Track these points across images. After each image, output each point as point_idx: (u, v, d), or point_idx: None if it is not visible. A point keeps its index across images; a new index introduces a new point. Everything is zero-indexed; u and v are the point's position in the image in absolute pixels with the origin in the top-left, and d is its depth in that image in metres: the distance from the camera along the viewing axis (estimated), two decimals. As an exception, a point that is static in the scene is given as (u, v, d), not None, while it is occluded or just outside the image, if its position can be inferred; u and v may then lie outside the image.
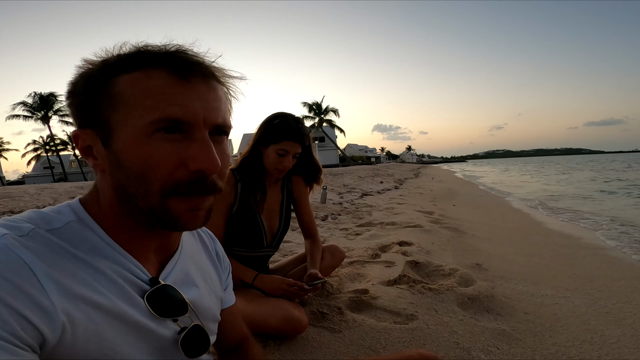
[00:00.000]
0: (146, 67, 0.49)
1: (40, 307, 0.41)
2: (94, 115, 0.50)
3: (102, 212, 0.53)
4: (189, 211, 0.50)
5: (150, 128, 0.47)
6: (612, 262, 2.92)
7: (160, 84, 0.48)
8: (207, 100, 0.50)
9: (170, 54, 0.49)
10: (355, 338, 1.43)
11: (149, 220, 0.51)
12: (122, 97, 0.48)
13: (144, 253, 0.55)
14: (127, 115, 0.48)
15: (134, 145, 0.47)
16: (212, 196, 0.52)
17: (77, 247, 0.48)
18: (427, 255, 2.62)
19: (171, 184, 0.48)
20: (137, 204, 0.50)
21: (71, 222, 0.50)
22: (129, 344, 0.50)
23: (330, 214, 4.91)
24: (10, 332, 0.38)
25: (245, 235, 1.56)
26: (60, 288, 0.44)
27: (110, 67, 0.49)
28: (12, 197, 7.19)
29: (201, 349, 0.60)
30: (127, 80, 0.48)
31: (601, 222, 5.09)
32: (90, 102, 0.50)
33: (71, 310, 0.44)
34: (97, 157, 0.51)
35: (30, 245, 0.44)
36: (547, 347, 1.49)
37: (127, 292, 0.51)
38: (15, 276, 0.41)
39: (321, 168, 1.73)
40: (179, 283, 0.60)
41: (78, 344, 0.44)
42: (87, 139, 0.51)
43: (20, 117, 35.91)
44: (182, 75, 0.48)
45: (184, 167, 0.48)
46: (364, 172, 17.19)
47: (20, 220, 0.48)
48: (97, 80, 0.49)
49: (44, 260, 0.44)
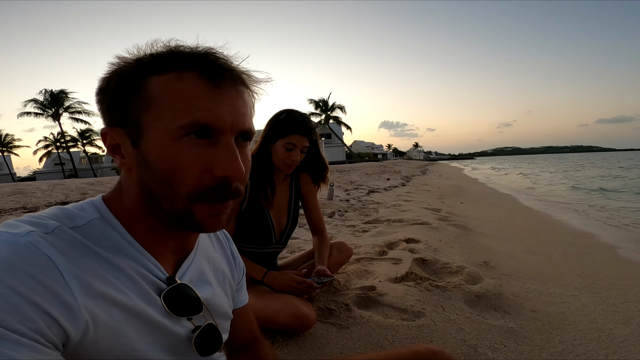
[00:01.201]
0: (178, 70, 0.49)
1: (65, 305, 0.42)
2: (125, 114, 0.50)
3: (124, 210, 0.54)
4: (211, 216, 0.51)
5: (179, 132, 0.48)
6: (621, 261, 2.90)
7: (192, 87, 0.48)
8: (235, 106, 0.51)
9: (202, 57, 0.50)
10: (362, 334, 1.45)
11: (172, 221, 0.52)
12: (153, 98, 0.49)
13: (162, 252, 0.56)
14: (157, 117, 0.48)
15: (162, 147, 0.48)
16: (232, 201, 0.53)
17: (99, 244, 0.49)
18: (435, 252, 2.62)
19: (198, 189, 0.49)
20: (161, 204, 0.50)
21: (94, 220, 0.51)
22: (145, 342, 0.51)
23: (337, 210, 4.92)
24: (35, 330, 0.39)
25: (254, 231, 1.58)
26: (83, 286, 0.44)
27: (144, 67, 0.50)
28: (24, 194, 7.33)
29: (213, 348, 0.61)
30: (160, 82, 0.49)
31: (610, 221, 5.03)
32: (122, 101, 0.50)
33: (94, 308, 0.45)
34: (124, 155, 0.52)
35: (55, 242, 0.45)
36: (554, 345, 1.49)
37: (145, 291, 0.52)
38: (42, 274, 0.41)
39: (327, 166, 1.74)
40: (194, 282, 0.61)
41: (99, 342, 0.45)
42: (116, 137, 0.52)
43: (32, 114, 36.46)
44: (212, 81, 0.49)
45: (209, 173, 0.49)
46: (371, 169, 17.15)
47: (45, 217, 0.48)
48: (130, 80, 0.50)
49: (69, 258, 0.45)
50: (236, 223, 1.55)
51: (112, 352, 0.47)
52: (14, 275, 0.40)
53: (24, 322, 0.38)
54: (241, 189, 0.53)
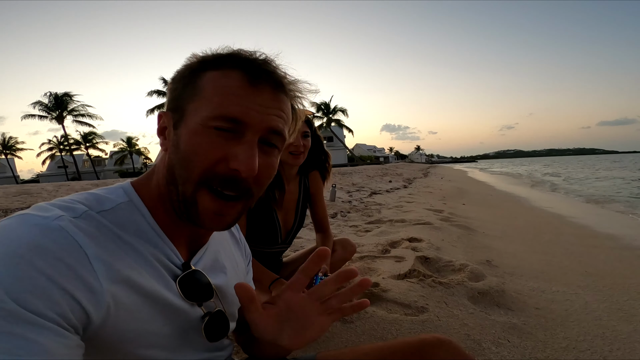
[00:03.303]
0: (226, 67, 0.53)
1: (90, 289, 0.43)
2: (177, 101, 0.55)
3: (150, 194, 0.56)
4: (214, 214, 0.53)
5: (210, 122, 0.51)
6: (624, 260, 2.89)
7: (232, 84, 0.52)
8: (266, 107, 0.53)
9: (248, 58, 0.54)
10: (366, 329, 1.46)
11: (179, 207, 0.53)
12: (200, 89, 0.53)
13: (179, 237, 0.58)
14: (198, 106, 0.52)
15: (193, 132, 0.51)
16: (241, 202, 0.54)
17: (124, 229, 0.51)
18: (437, 251, 2.63)
19: (208, 174, 0.51)
20: (177, 187, 0.52)
21: (121, 204, 0.53)
22: (160, 325, 0.52)
23: (340, 211, 4.93)
24: (60, 313, 0.40)
25: (261, 231, 1.58)
26: (108, 270, 0.46)
27: (203, 64, 0.55)
28: (30, 194, 7.38)
29: (221, 334, 0.62)
30: (209, 76, 0.53)
31: (613, 222, 5.01)
32: (179, 90, 0.55)
33: (116, 292, 0.46)
34: (167, 137, 0.56)
35: (83, 226, 0.46)
36: (558, 341, 1.49)
37: (163, 276, 0.53)
38: (70, 258, 0.43)
39: (329, 154, 1.75)
40: (208, 269, 0.62)
41: (119, 324, 0.47)
42: (166, 120, 0.56)
43: (36, 117, 36.69)
44: (251, 80, 0.52)
45: (224, 163, 0.51)
46: (373, 171, 17.15)
47: (74, 201, 0.50)
48: (190, 74, 0.55)
49: (95, 242, 0.46)
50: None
51: (131, 334, 0.48)
52: (44, 259, 0.41)
53: (50, 306, 0.39)
54: (253, 190, 0.54)
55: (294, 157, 1.53)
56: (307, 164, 1.67)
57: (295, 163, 1.57)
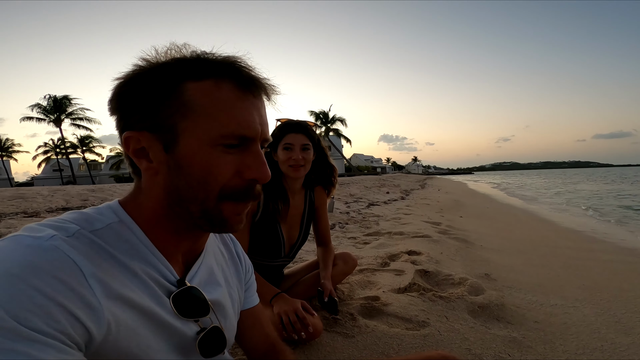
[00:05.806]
0: (215, 77, 0.52)
1: (89, 306, 0.43)
2: (157, 119, 0.51)
3: (142, 213, 0.55)
4: (235, 215, 0.56)
5: (218, 140, 0.52)
6: (621, 273, 2.92)
7: (229, 97, 0.52)
8: (262, 116, 0.56)
9: (235, 66, 0.53)
10: (368, 343, 1.46)
11: (197, 222, 0.55)
12: (192, 105, 0.51)
13: (175, 254, 0.59)
14: (196, 124, 0.51)
15: (200, 153, 0.51)
16: (252, 201, 0.57)
17: (116, 248, 0.51)
18: (437, 264, 2.64)
19: (228, 190, 0.53)
20: (189, 207, 0.53)
21: (112, 224, 0.53)
22: (157, 341, 0.53)
23: (338, 222, 4.94)
24: (61, 330, 0.40)
25: (264, 244, 1.58)
26: (104, 287, 0.46)
27: (178, 72, 0.51)
28: (25, 198, 7.32)
29: (217, 350, 0.62)
30: (198, 89, 0.51)
31: (611, 235, 5.06)
32: (154, 106, 0.51)
33: (114, 309, 0.47)
34: (152, 160, 0.53)
35: (77, 245, 0.46)
36: (558, 354, 1.51)
37: (156, 293, 0.54)
38: (66, 276, 0.43)
39: (336, 168, 1.77)
40: (205, 283, 0.63)
41: (120, 341, 0.47)
42: (143, 141, 0.52)
43: (34, 119, 36.50)
44: (245, 92, 0.54)
45: (239, 176, 0.54)
46: (370, 182, 17.20)
47: (65, 221, 0.50)
48: (165, 85, 0.51)
49: (90, 261, 0.46)
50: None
51: (131, 351, 0.49)
52: (40, 277, 0.41)
53: (50, 323, 0.40)
54: (261, 191, 0.58)
55: (293, 169, 1.54)
56: (313, 177, 1.68)
57: (295, 176, 1.57)
